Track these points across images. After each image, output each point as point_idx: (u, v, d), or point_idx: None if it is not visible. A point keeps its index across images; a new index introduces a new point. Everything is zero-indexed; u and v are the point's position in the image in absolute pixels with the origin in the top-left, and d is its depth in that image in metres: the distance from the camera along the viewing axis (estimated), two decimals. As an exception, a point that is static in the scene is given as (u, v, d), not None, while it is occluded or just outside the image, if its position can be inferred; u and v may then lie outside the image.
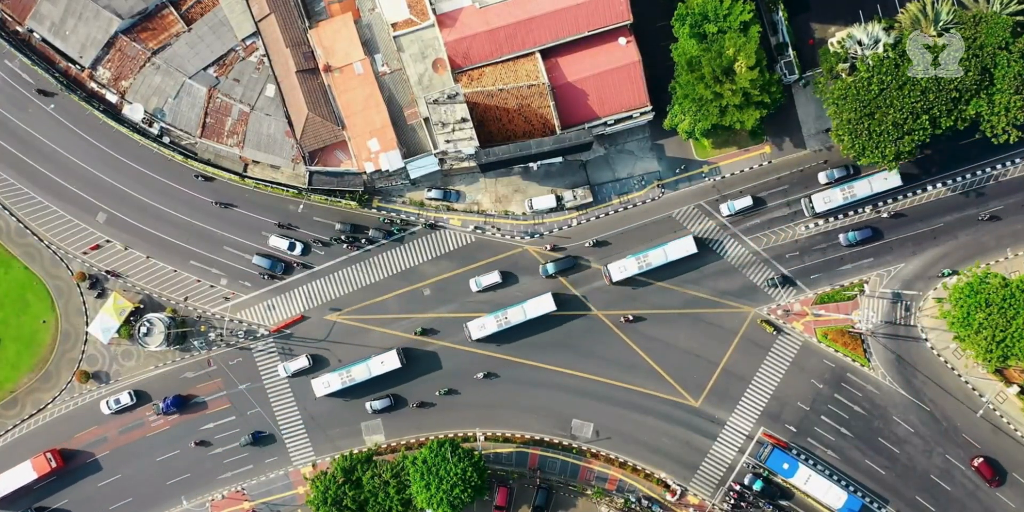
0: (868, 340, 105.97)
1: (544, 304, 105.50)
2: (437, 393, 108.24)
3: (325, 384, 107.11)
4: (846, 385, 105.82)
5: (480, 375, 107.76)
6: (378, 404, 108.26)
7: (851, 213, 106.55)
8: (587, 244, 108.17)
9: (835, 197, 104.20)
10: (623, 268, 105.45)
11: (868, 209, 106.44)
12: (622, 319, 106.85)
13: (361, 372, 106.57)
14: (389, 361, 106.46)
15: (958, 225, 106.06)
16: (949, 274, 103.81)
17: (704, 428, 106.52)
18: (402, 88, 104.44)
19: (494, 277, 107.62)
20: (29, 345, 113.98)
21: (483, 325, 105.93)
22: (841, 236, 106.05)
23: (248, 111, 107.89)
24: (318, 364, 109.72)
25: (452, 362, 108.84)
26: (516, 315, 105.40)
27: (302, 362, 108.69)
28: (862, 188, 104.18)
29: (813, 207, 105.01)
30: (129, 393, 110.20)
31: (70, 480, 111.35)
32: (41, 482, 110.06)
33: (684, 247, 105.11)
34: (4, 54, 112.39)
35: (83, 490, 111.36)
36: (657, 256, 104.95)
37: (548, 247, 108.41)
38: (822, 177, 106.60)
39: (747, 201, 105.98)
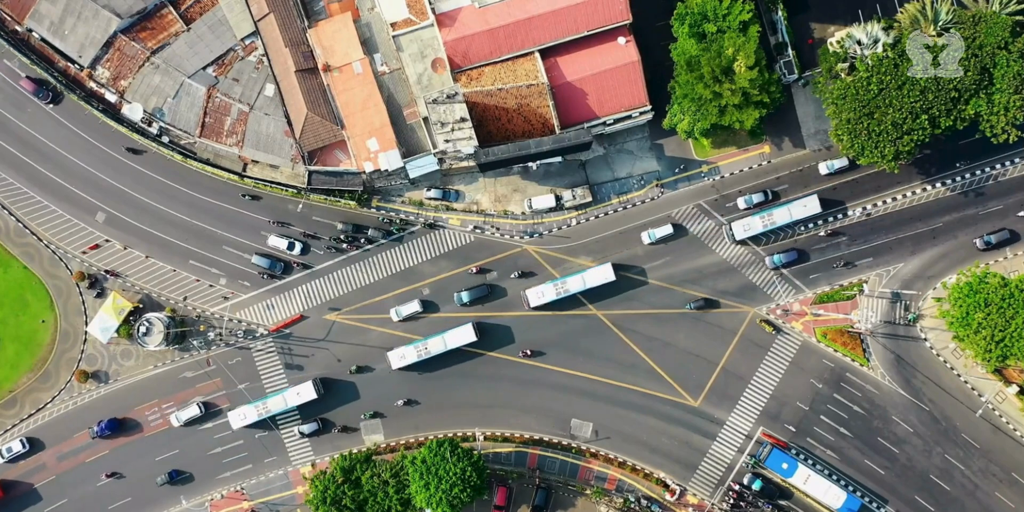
0: (867, 340, 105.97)
1: (464, 335, 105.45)
2: (362, 416, 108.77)
3: (242, 416, 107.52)
4: (845, 385, 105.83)
5: (400, 402, 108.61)
6: (306, 428, 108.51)
7: (840, 216, 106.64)
8: (513, 275, 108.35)
9: (754, 224, 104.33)
10: (540, 294, 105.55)
11: (858, 212, 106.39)
12: (520, 353, 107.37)
13: (277, 403, 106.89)
14: (305, 392, 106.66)
15: (958, 225, 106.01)
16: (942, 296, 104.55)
17: (703, 428, 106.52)
18: (401, 88, 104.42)
19: (414, 306, 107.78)
20: (28, 345, 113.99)
21: (403, 355, 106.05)
22: (767, 259, 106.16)
23: (247, 110, 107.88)
24: (209, 411, 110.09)
25: (454, 359, 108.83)
26: (436, 345, 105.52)
27: (193, 410, 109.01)
28: (781, 215, 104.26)
29: (733, 234, 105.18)
30: (21, 441, 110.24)
31: (70, 480, 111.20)
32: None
33: (603, 274, 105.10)
34: (3, 54, 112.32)
35: (82, 490, 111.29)
36: (575, 283, 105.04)
37: (474, 269, 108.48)
38: (740, 202, 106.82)
39: (667, 229, 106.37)
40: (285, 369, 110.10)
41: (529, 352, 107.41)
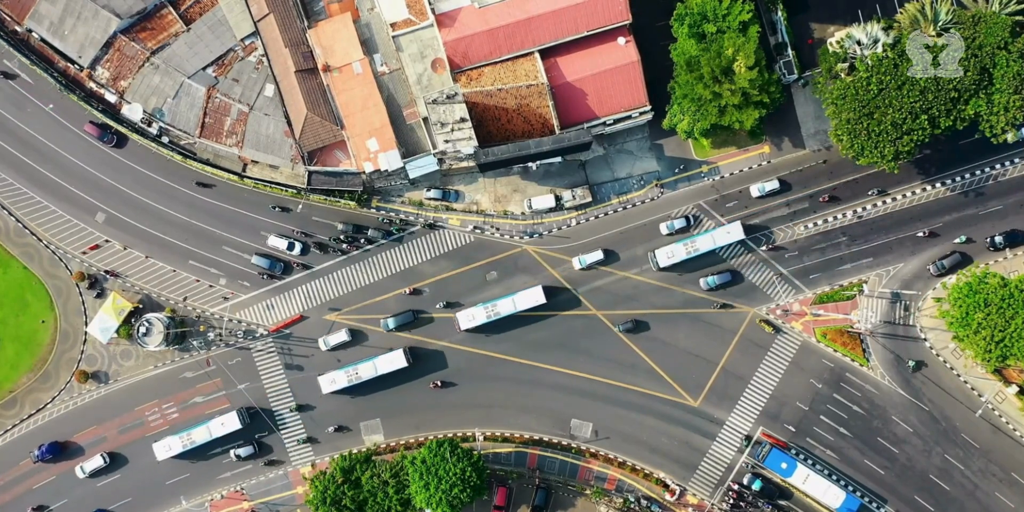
0: (867, 340, 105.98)
1: (395, 360, 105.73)
2: (297, 441, 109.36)
3: (167, 447, 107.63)
4: (845, 385, 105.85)
5: (331, 429, 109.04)
6: (242, 451, 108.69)
7: (840, 217, 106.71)
8: (439, 305, 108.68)
9: (678, 251, 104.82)
10: (471, 317, 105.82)
11: (850, 214, 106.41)
12: (431, 384, 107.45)
13: (202, 434, 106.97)
14: (230, 422, 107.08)
15: (957, 225, 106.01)
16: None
17: (703, 428, 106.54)
18: (401, 88, 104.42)
19: (342, 336, 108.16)
20: (28, 345, 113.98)
21: (334, 379, 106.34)
22: (701, 280, 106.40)
23: (247, 111, 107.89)
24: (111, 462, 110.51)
25: (453, 360, 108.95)
26: (367, 370, 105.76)
27: (97, 461, 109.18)
28: (705, 242, 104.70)
29: (657, 262, 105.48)
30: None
31: (69, 480, 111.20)
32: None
33: (533, 297, 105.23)
34: (3, 54, 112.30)
35: (83, 490, 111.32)
36: (506, 305, 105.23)
37: (408, 290, 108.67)
38: (663, 228, 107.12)
39: (597, 255, 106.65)
40: (285, 369, 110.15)
41: (439, 383, 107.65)
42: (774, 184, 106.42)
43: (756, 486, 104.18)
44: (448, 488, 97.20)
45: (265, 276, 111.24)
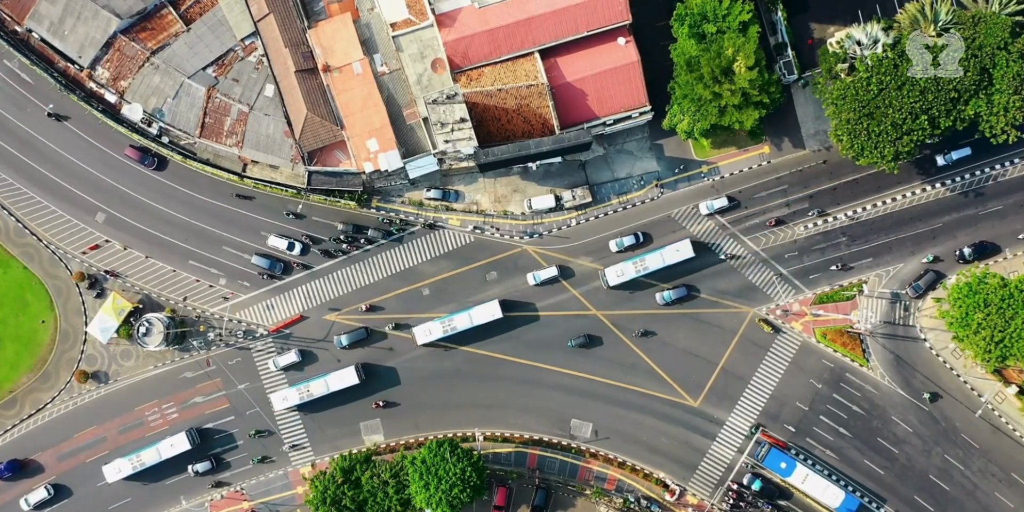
0: (867, 340, 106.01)
1: (347, 377, 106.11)
2: (251, 461, 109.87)
3: (117, 470, 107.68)
4: (845, 385, 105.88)
5: (286, 447, 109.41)
6: (200, 467, 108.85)
7: (832, 219, 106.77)
8: (388, 327, 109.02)
9: (628, 270, 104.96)
10: (428, 331, 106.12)
11: (842, 216, 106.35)
12: (373, 404, 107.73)
13: (151, 456, 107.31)
14: (179, 443, 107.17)
15: (957, 225, 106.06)
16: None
17: (703, 428, 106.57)
18: (401, 88, 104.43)
19: (291, 357, 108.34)
20: (28, 345, 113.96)
21: (286, 397, 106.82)
22: (657, 295, 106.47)
23: (247, 111, 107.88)
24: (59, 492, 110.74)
25: (452, 361, 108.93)
26: (319, 387, 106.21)
27: (41, 493, 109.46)
28: (654, 260, 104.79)
29: (607, 280, 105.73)
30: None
31: (69, 480, 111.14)
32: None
33: (490, 312, 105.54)
34: (3, 54, 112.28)
35: (82, 490, 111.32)
36: (462, 320, 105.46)
37: (364, 307, 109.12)
38: (612, 245, 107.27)
39: (552, 271, 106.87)
40: (285, 370, 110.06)
41: (381, 403, 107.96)
42: (723, 201, 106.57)
43: (756, 486, 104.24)
44: (448, 488, 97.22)
45: (265, 276, 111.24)
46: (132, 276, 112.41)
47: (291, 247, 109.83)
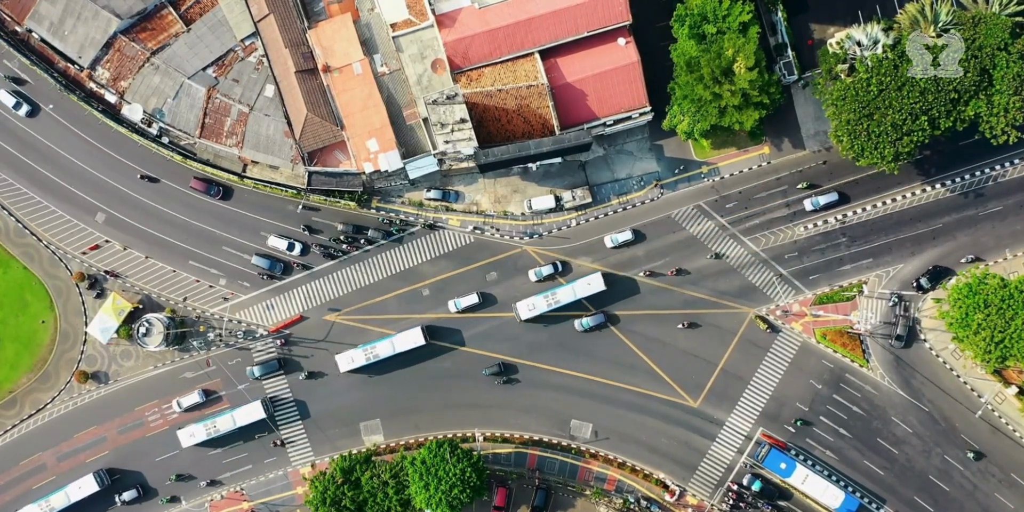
0: (867, 341, 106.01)
1: (253, 411, 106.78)
2: (169, 479, 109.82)
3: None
4: (845, 386, 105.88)
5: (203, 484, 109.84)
6: (127, 496, 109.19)
7: (842, 217, 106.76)
8: (301, 377, 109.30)
9: (539, 304, 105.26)
10: (351, 359, 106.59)
11: (834, 220, 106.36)
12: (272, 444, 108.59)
13: (60, 500, 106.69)
14: (87, 486, 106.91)
15: (957, 226, 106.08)
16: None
17: (703, 428, 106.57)
18: (401, 88, 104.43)
19: (195, 398, 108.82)
20: (28, 345, 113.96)
21: (192, 433, 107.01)
22: (576, 322, 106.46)
23: (247, 111, 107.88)
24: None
25: (451, 361, 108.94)
26: (225, 423, 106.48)
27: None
28: (565, 294, 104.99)
29: (519, 315, 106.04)
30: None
31: (69, 481, 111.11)
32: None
33: (412, 339, 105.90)
34: (3, 54, 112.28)
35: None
36: (384, 348, 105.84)
37: (280, 342, 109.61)
38: (532, 274, 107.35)
39: (472, 298, 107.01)
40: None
41: (280, 442, 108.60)
42: (627, 235, 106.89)
43: (756, 486, 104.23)
44: (448, 489, 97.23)
45: (265, 276, 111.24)
46: (132, 276, 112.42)
47: (291, 247, 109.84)
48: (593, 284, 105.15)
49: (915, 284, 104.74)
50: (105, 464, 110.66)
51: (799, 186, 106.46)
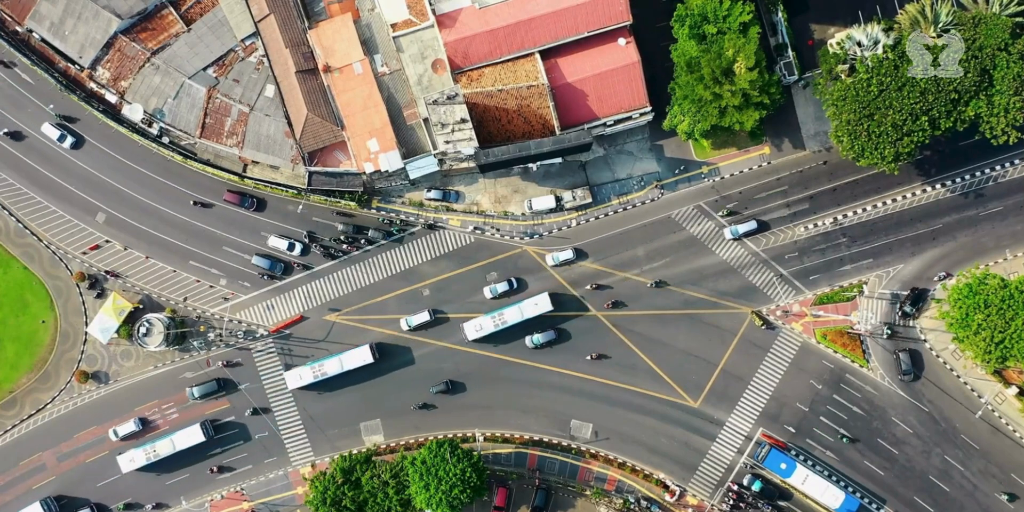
0: (867, 341, 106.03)
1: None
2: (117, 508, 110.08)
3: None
4: (845, 386, 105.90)
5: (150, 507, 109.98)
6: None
7: (841, 217, 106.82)
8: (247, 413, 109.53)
9: (486, 325, 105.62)
10: (299, 377, 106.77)
11: (828, 222, 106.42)
12: (209, 470, 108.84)
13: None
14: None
15: (957, 226, 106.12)
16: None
17: (703, 429, 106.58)
18: (401, 88, 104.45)
19: (130, 426, 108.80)
20: (28, 345, 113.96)
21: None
22: (527, 339, 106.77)
23: (247, 111, 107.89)
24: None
25: (452, 361, 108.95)
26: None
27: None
28: (512, 315, 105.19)
29: (465, 336, 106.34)
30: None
31: (69, 481, 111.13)
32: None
33: (360, 357, 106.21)
34: (3, 54, 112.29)
35: (82, 490, 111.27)
36: (332, 365, 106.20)
37: (223, 363, 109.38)
38: (486, 291, 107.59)
39: (424, 316, 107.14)
40: (285, 370, 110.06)
41: (216, 469, 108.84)
42: (568, 254, 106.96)
43: (756, 487, 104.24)
44: (448, 489, 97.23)
45: (265, 276, 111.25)
46: (132, 276, 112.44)
47: (291, 247, 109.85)
48: (540, 304, 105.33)
49: (899, 312, 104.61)
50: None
51: (719, 214, 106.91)
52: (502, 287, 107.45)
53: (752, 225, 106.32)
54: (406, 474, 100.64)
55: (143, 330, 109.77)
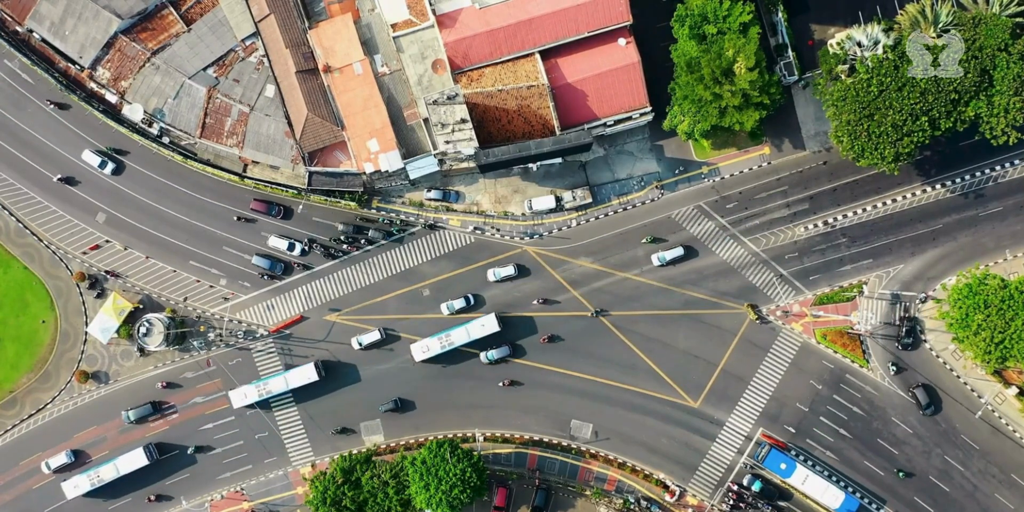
0: (867, 341, 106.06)
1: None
2: None
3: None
4: (845, 386, 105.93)
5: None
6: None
7: (841, 218, 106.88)
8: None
9: (433, 346, 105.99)
10: (244, 395, 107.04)
11: (828, 222, 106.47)
12: (147, 500, 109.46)
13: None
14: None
15: (957, 226, 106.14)
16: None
17: (703, 429, 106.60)
18: (402, 89, 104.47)
19: (62, 458, 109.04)
20: (28, 345, 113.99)
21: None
22: (482, 355, 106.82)
23: (248, 111, 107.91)
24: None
25: (453, 361, 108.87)
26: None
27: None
28: (459, 336, 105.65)
29: (412, 357, 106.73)
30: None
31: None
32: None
33: (305, 375, 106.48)
34: (4, 54, 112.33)
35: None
36: (277, 384, 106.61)
37: (161, 385, 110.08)
38: (443, 308, 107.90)
39: (375, 335, 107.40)
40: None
41: (154, 497, 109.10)
42: (509, 270, 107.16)
43: (756, 487, 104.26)
44: (448, 489, 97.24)
45: (265, 276, 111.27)
46: (132, 276, 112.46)
47: (291, 247, 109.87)
48: (487, 325, 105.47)
49: (898, 345, 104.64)
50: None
51: (642, 241, 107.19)
52: (459, 304, 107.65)
53: (679, 251, 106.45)
54: (406, 474, 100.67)
55: (143, 330, 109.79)
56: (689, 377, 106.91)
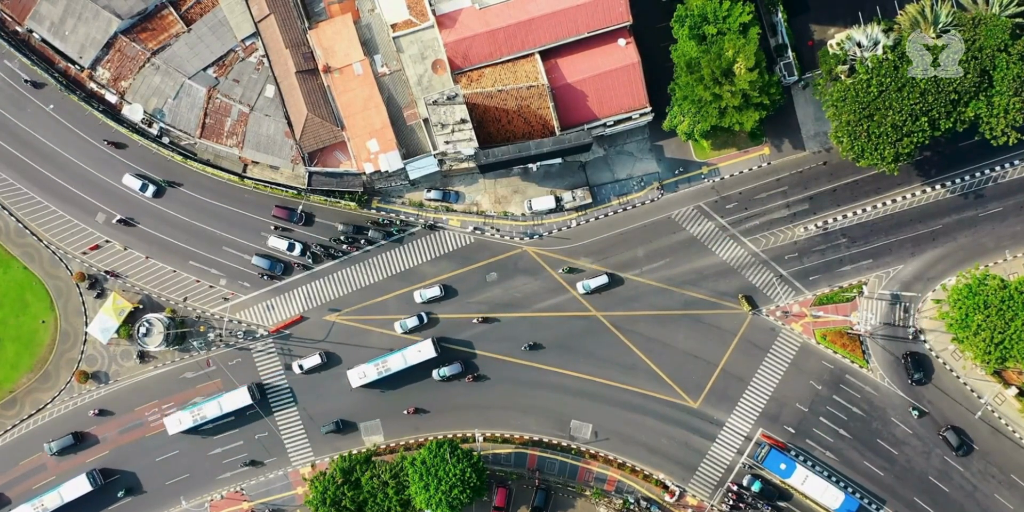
0: (866, 341, 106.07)
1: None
2: None
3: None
4: (844, 386, 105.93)
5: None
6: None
7: (840, 218, 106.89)
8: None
9: (370, 372, 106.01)
10: (178, 421, 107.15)
11: (822, 224, 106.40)
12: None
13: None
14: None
15: (957, 227, 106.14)
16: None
17: (703, 429, 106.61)
18: (401, 89, 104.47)
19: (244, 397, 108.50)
20: (28, 345, 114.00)
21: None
22: (434, 372, 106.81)
23: (247, 112, 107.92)
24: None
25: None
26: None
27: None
28: (396, 362, 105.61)
29: (349, 383, 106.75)
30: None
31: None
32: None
33: (240, 399, 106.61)
34: (3, 54, 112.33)
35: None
36: (211, 408, 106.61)
37: (93, 412, 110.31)
38: (397, 327, 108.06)
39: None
40: (285, 370, 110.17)
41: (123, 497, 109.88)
42: (435, 291, 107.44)
43: (755, 487, 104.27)
44: (448, 489, 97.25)
45: (265, 277, 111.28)
46: (132, 276, 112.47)
47: (291, 248, 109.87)
48: (424, 351, 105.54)
49: (909, 381, 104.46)
50: (103, 464, 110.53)
51: (560, 271, 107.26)
52: (412, 322, 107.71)
53: (603, 280, 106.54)
54: (406, 474, 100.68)
55: (143, 330, 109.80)
56: (689, 377, 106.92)
